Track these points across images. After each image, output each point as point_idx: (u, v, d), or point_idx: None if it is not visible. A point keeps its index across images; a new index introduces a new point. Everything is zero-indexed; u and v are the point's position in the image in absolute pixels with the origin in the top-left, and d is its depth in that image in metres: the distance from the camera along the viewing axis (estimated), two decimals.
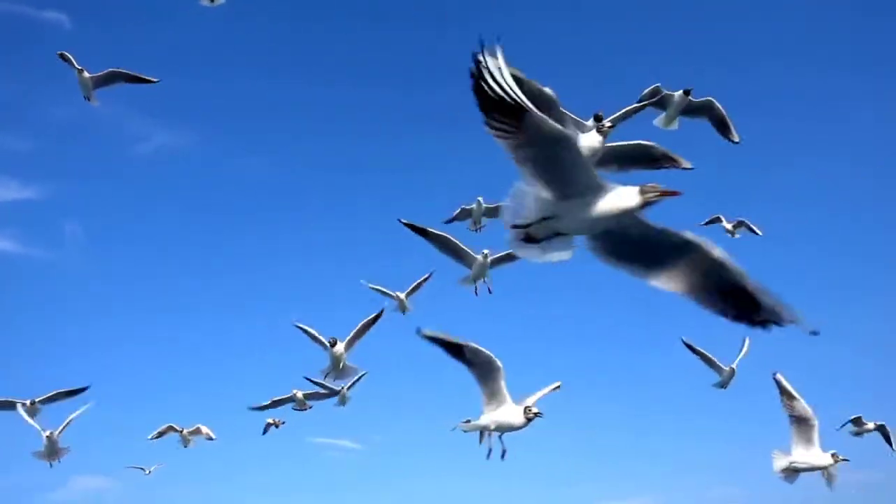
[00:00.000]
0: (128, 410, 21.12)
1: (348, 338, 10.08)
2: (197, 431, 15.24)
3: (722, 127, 8.78)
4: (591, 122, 6.48)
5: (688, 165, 6.49)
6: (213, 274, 27.49)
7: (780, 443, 9.53)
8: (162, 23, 25.73)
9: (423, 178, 27.70)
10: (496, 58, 3.19)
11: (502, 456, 6.60)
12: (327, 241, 27.28)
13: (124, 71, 11.21)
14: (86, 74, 10.97)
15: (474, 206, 12.62)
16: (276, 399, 14.48)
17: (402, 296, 13.27)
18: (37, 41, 24.46)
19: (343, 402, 13.85)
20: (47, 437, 11.44)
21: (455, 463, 22.81)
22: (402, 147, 28.92)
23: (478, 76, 3.17)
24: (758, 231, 14.60)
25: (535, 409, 6.49)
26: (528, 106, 3.23)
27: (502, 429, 6.59)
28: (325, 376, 10.29)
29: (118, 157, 27.47)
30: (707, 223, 14.13)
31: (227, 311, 25.11)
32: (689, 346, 12.51)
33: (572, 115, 6.54)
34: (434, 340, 6.15)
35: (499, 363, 6.27)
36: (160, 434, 15.11)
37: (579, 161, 3.49)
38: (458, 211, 12.52)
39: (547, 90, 6.08)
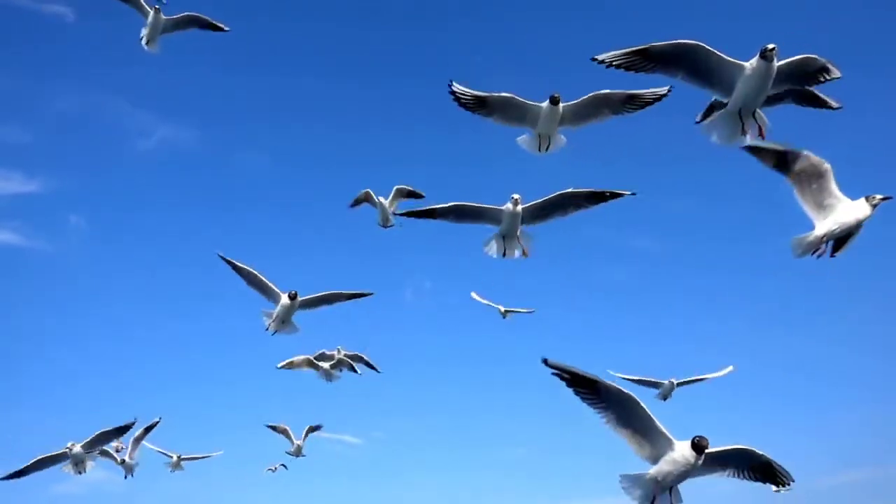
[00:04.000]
0: (130, 403, 21.71)
1: (310, 298, 9.58)
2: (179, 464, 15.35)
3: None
4: (546, 104, 7.28)
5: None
6: (216, 266, 27.12)
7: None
8: None
9: (424, 173, 27.84)
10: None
11: (833, 253, 6.29)
12: (329, 236, 27.37)
13: (200, 16, 10.66)
14: (162, 15, 10.43)
15: (378, 204, 12.79)
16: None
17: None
18: (41, 35, 25.58)
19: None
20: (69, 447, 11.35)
21: (454, 458, 24.16)
22: (403, 143, 28.93)
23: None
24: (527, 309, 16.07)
25: (878, 196, 5.94)
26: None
27: (847, 225, 6.07)
28: (270, 328, 9.58)
29: (121, 151, 28.24)
30: (489, 304, 15.84)
31: (230, 304, 24.66)
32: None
33: (530, 102, 7.38)
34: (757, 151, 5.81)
35: (827, 164, 5.94)
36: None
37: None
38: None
39: (505, 94, 7.39)
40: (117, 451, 13.13)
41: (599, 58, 6.23)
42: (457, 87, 7.34)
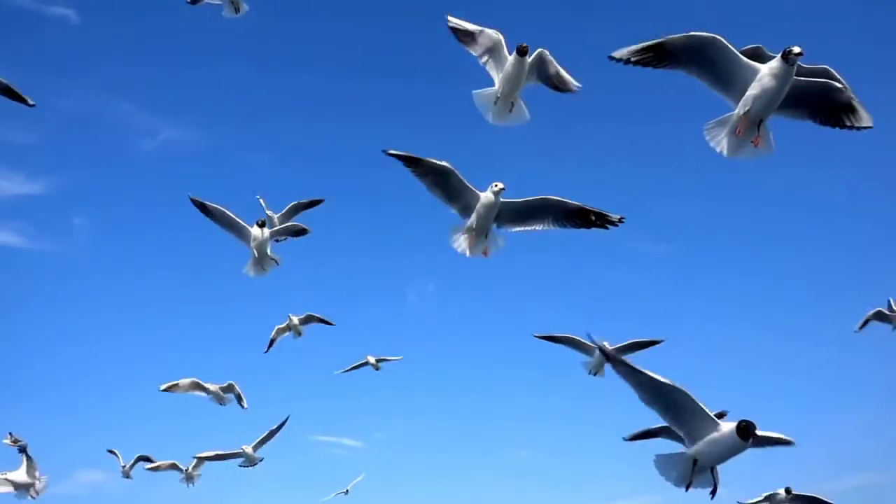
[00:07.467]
0: (132, 403, 21.72)
1: (275, 229, 9.15)
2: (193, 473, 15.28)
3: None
4: (513, 56, 7.35)
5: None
6: (220, 267, 24.91)
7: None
8: (168, 19, 26.17)
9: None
10: None
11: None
12: (331, 236, 25.66)
13: None
14: None
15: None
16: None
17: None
18: (45, 36, 25.72)
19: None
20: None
21: (455, 461, 24.33)
22: (405, 143, 29.52)
23: None
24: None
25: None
26: None
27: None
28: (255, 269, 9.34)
29: (124, 152, 28.01)
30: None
31: (232, 304, 25.06)
32: (546, 337, 11.59)
33: (505, 50, 7.53)
34: None
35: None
36: (157, 468, 14.93)
37: None
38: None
39: (494, 35, 7.59)
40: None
41: (616, 55, 6.10)
42: (452, 21, 7.57)
